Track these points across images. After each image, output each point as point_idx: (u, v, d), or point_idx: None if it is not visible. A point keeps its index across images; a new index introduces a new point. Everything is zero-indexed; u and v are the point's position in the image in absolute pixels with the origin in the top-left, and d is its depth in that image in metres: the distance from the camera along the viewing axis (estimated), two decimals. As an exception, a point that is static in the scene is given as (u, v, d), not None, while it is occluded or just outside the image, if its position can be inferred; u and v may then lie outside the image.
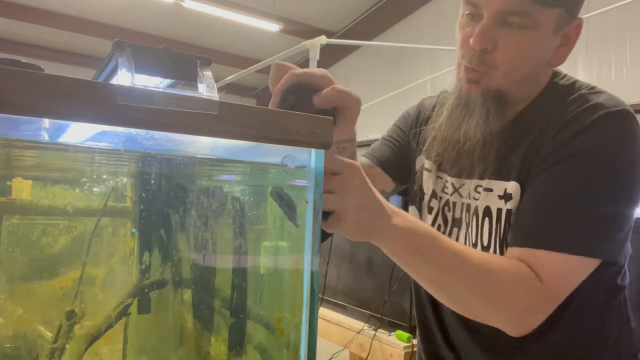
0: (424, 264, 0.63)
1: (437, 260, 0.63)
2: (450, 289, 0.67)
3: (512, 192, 0.75)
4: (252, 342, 0.57)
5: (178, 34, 7.37)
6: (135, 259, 0.56)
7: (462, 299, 0.68)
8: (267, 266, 0.58)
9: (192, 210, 0.56)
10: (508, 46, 0.71)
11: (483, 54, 0.72)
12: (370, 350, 1.62)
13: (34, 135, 0.40)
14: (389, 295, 1.65)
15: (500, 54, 0.72)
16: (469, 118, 0.76)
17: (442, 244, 0.64)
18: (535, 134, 0.75)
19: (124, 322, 0.55)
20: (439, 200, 0.87)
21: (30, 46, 7.60)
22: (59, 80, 0.36)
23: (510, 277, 0.66)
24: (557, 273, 0.66)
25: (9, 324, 0.47)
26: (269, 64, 3.18)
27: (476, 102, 0.75)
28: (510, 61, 0.72)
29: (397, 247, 0.61)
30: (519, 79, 0.75)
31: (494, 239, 0.76)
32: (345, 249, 1.88)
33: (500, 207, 0.76)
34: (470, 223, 0.81)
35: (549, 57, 0.75)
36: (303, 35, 6.35)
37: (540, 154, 0.72)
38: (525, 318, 0.67)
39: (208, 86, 0.43)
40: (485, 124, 0.75)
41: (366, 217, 0.56)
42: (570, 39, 0.75)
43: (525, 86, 0.77)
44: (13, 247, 0.48)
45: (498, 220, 0.76)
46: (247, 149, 0.50)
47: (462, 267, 0.65)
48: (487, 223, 0.77)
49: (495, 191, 0.77)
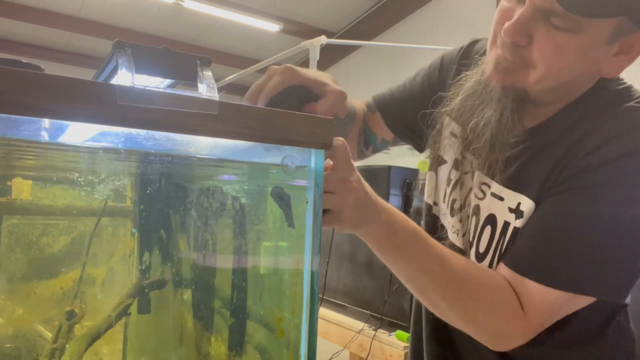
0: (402, 261, 0.63)
1: (416, 259, 0.62)
2: (425, 290, 0.65)
3: (525, 209, 0.67)
4: (252, 342, 0.57)
5: (178, 34, 7.37)
6: (135, 259, 0.56)
7: (438, 303, 0.66)
8: (267, 266, 0.58)
9: (192, 210, 0.56)
10: (545, 45, 0.60)
11: (516, 47, 0.62)
12: (370, 350, 1.62)
13: (34, 135, 0.40)
14: (389, 295, 1.65)
15: (536, 52, 0.61)
16: (482, 110, 0.68)
17: (426, 245, 0.63)
18: (565, 147, 0.65)
19: (124, 322, 0.55)
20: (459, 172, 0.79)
21: (30, 46, 7.60)
22: (59, 80, 0.36)
23: (492, 297, 0.63)
24: (541, 306, 0.62)
25: (9, 324, 0.47)
26: (269, 64, 3.18)
27: (493, 95, 0.66)
28: (549, 62, 0.61)
29: (381, 242, 0.61)
30: (553, 86, 0.64)
31: (494, 250, 0.70)
32: (345, 249, 1.88)
33: (508, 221, 0.69)
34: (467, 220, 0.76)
35: (599, 66, 0.63)
36: (303, 35, 6.35)
37: (564, 172, 0.64)
38: (500, 340, 0.65)
39: (208, 86, 0.43)
40: (497, 123, 0.66)
41: (360, 213, 0.57)
42: (632, 48, 0.62)
43: (559, 93, 0.67)
44: (13, 247, 0.48)
45: (502, 234, 0.69)
46: (247, 149, 0.50)
47: (440, 272, 0.63)
48: (489, 231, 0.71)
49: (506, 201, 0.69)
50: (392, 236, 0.61)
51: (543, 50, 0.60)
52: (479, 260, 0.73)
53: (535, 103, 0.66)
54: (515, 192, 0.69)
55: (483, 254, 0.72)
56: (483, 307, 0.64)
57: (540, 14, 0.59)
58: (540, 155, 0.68)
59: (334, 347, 1.85)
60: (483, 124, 0.67)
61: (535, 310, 0.63)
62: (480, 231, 0.73)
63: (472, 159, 0.76)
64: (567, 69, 0.62)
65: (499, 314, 0.63)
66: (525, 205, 0.67)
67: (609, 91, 0.67)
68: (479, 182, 0.74)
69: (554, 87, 0.64)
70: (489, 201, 0.72)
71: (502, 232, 0.69)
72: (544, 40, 0.60)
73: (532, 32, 0.60)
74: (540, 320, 0.63)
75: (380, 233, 0.60)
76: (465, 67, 0.79)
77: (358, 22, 7.22)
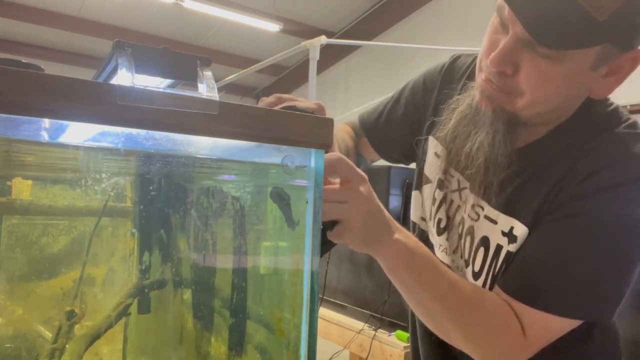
0: (417, 286, 0.63)
1: (432, 285, 0.63)
2: (436, 316, 0.66)
3: (518, 234, 0.67)
4: (252, 342, 0.57)
5: (178, 34, 7.37)
6: (135, 259, 0.56)
7: (444, 327, 0.67)
8: (267, 266, 0.58)
9: (192, 210, 0.56)
10: (532, 73, 0.60)
11: (503, 76, 0.62)
12: (370, 350, 1.62)
13: (34, 135, 0.40)
14: (389, 295, 1.64)
15: (523, 80, 0.61)
16: (475, 134, 0.68)
17: (440, 271, 0.64)
18: (556, 173, 0.65)
19: (124, 322, 0.55)
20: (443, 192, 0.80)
21: (30, 46, 7.60)
22: (59, 80, 0.36)
23: (498, 323, 0.65)
24: (540, 331, 0.64)
25: (9, 324, 0.47)
26: (269, 64, 3.18)
27: (485, 118, 0.66)
28: (536, 90, 0.61)
29: (395, 264, 0.62)
30: (543, 111, 0.64)
31: (487, 271, 0.72)
32: (346, 249, 1.87)
33: (501, 244, 0.69)
34: (463, 237, 0.76)
35: (588, 87, 0.63)
36: (303, 35, 6.35)
37: (558, 199, 0.65)
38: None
39: (208, 86, 0.43)
40: (490, 147, 0.66)
41: (372, 226, 0.57)
42: (621, 69, 0.62)
43: (548, 116, 0.67)
44: (13, 247, 0.48)
45: (495, 256, 0.70)
46: (247, 149, 0.50)
47: (453, 300, 0.64)
48: (482, 253, 0.72)
49: (499, 225, 0.70)
50: (408, 258, 0.61)
51: (529, 78, 0.60)
52: (474, 279, 0.73)
53: (526, 125, 0.67)
54: (508, 216, 0.69)
55: (478, 273, 0.73)
56: (491, 334, 0.65)
57: (525, 42, 0.59)
58: (533, 180, 0.68)
59: (334, 347, 1.85)
60: (477, 148, 0.67)
61: (537, 335, 0.64)
62: (475, 251, 0.74)
63: (459, 177, 0.77)
64: (554, 95, 0.62)
65: (505, 339, 0.65)
66: (519, 231, 0.67)
67: (599, 114, 0.68)
68: (473, 204, 0.74)
69: (543, 112, 0.65)
70: (482, 223, 0.73)
71: (495, 255, 0.70)
72: (530, 68, 0.60)
73: (517, 61, 0.60)
74: (541, 343, 0.65)
75: (395, 253, 0.60)
76: (449, 86, 0.81)
77: (358, 22, 7.22)
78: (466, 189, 0.76)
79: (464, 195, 0.76)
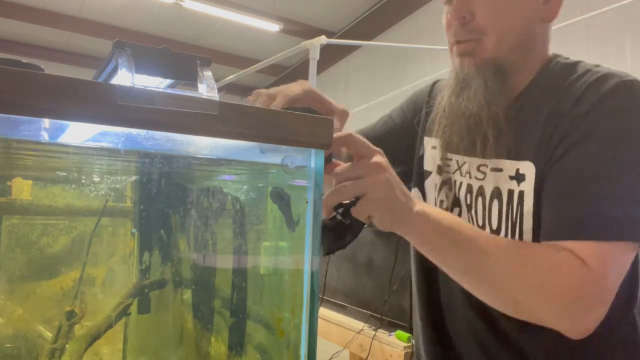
0: (457, 250, 0.61)
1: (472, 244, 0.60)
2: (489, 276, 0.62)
3: (525, 172, 0.69)
4: (252, 342, 0.57)
5: (178, 34, 7.37)
6: (135, 259, 0.56)
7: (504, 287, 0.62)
8: (267, 266, 0.58)
9: (192, 210, 0.56)
10: (487, 9, 0.71)
11: (466, 25, 0.72)
12: (370, 350, 1.62)
13: (34, 135, 0.40)
14: (389, 295, 1.64)
15: (482, 19, 0.71)
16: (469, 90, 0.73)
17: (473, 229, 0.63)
18: (547, 109, 0.70)
19: (124, 322, 0.55)
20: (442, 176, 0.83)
21: (30, 46, 7.60)
22: (59, 80, 0.36)
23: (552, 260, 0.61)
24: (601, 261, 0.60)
25: (9, 324, 0.47)
26: (269, 64, 3.18)
27: (472, 74, 0.73)
28: (496, 22, 0.71)
29: (427, 235, 0.60)
30: (513, 42, 0.72)
31: (505, 222, 0.71)
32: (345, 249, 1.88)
33: (511, 189, 0.71)
34: (473, 204, 0.77)
35: (539, 13, 0.73)
36: (303, 35, 6.35)
37: (558, 132, 0.68)
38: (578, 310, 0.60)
39: (208, 86, 0.43)
40: (484, 92, 0.72)
41: (394, 194, 0.56)
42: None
43: (522, 51, 0.74)
44: (13, 247, 0.48)
45: (509, 202, 0.71)
46: (247, 149, 0.50)
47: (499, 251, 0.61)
48: (497, 205, 0.73)
49: (505, 171, 0.72)
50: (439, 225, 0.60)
51: (486, 14, 0.71)
52: None
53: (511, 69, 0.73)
54: (512, 160, 0.72)
55: (496, 230, 0.73)
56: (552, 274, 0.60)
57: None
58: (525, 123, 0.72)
59: (334, 347, 1.85)
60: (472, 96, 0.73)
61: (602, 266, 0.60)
62: (489, 209, 0.74)
63: (457, 157, 0.80)
64: (512, 23, 0.72)
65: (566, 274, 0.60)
66: (524, 168, 0.70)
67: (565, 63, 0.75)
68: (478, 165, 0.77)
69: (514, 45, 0.72)
70: (490, 177, 0.75)
71: (509, 201, 0.72)
72: (483, 6, 0.71)
73: (471, 6, 0.71)
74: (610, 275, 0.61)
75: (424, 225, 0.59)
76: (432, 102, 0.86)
77: (358, 22, 7.22)
78: (465, 164, 0.79)
79: (464, 169, 0.79)
